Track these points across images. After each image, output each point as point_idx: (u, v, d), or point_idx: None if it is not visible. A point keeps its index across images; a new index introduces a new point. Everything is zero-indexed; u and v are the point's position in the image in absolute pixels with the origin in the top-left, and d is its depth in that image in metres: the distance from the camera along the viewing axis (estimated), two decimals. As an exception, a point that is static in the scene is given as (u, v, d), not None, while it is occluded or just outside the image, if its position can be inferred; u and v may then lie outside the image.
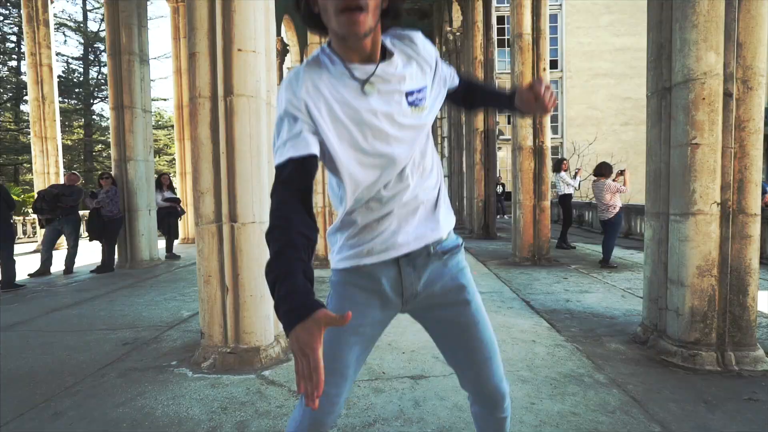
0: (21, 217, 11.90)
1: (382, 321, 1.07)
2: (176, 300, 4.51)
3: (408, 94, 0.93)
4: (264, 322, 2.77)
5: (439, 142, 18.37)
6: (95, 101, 24.98)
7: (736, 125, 2.56)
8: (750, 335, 2.60)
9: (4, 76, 24.08)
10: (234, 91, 2.63)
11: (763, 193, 6.16)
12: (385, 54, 0.93)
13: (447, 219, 1.05)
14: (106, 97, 25.68)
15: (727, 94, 2.54)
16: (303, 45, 16.60)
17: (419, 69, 0.97)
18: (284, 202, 0.82)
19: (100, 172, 8.22)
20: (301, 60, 16.94)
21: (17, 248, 5.80)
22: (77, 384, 2.47)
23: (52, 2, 8.96)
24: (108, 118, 25.79)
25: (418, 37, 1.00)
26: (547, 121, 6.39)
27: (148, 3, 8.43)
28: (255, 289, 2.71)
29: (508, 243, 8.28)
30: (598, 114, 18.57)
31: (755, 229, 2.58)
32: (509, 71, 7.41)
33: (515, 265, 6.16)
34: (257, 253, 2.71)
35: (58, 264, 6.33)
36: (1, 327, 3.64)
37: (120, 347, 3.09)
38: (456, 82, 1.14)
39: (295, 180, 0.83)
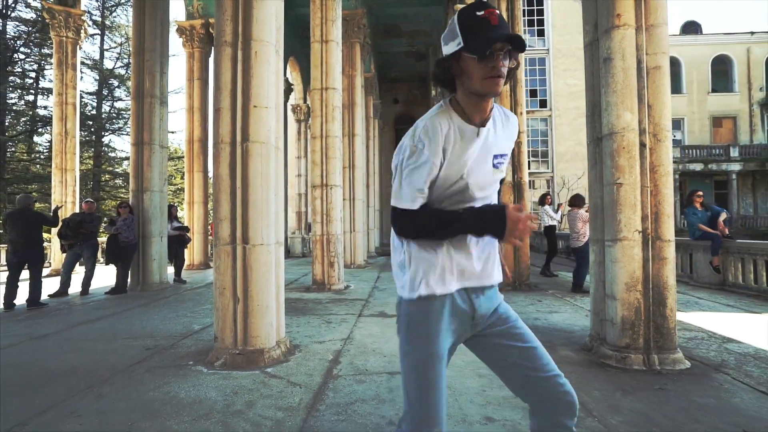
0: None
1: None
2: (187, 317, 5.02)
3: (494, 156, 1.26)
4: (268, 328, 3.30)
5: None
6: (106, 134, 26.05)
7: (651, 169, 3.19)
8: (670, 340, 3.14)
9: (20, 109, 25.24)
10: (249, 138, 3.29)
11: (713, 217, 6.76)
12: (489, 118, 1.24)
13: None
14: (117, 130, 26.80)
15: (642, 145, 3.19)
16: (306, 84, 17.72)
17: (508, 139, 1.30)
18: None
19: (119, 201, 8.86)
20: (305, 98, 18.02)
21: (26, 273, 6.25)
22: (113, 377, 2.99)
23: (80, 48, 9.89)
24: (115, 149, 26.72)
25: (515, 118, 1.35)
26: (524, 158, 7.09)
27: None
28: (261, 300, 3.27)
29: (494, 271, 8.79)
30: (585, 150, 19.48)
31: (670, 252, 3.17)
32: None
33: (497, 290, 6.67)
34: (264, 270, 3.28)
35: (73, 286, 6.85)
36: (36, 336, 4.16)
37: (143, 351, 3.60)
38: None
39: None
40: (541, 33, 19.57)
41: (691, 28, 28.71)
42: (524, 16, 19.75)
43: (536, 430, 1.27)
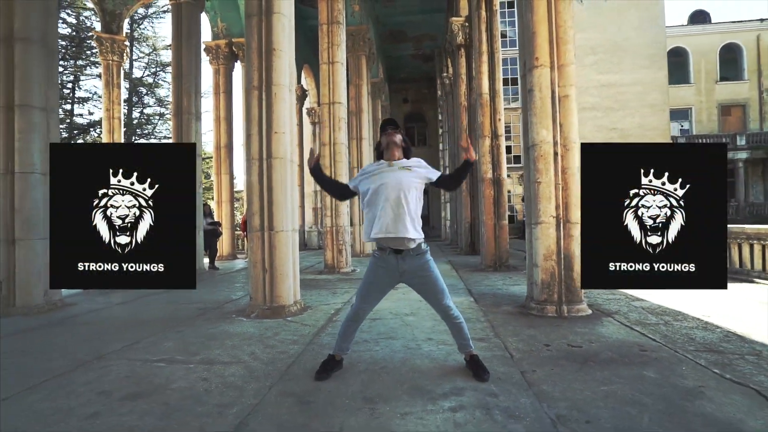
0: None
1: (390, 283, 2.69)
2: (225, 291, 6.41)
3: (405, 167, 2.57)
4: (288, 291, 4.62)
5: (441, 170, 20.31)
6: (137, 139, 28.04)
7: (562, 171, 4.35)
8: (577, 295, 4.31)
9: (59, 118, 27.41)
10: (272, 155, 4.59)
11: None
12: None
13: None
14: (146, 135, 28.76)
15: (555, 153, 4.35)
16: (319, 89, 19.05)
17: (414, 167, 2.60)
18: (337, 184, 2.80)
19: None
20: (318, 102, 19.34)
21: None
22: (184, 322, 4.35)
23: (123, 69, 11.43)
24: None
25: (418, 161, 2.65)
26: (503, 158, 8.22)
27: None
28: (283, 270, 4.57)
29: (485, 256, 9.95)
30: (587, 143, 20.32)
31: (576, 231, 4.32)
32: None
33: (480, 271, 7.87)
34: (284, 249, 4.59)
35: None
36: (114, 304, 5.60)
37: (198, 311, 4.97)
38: (434, 177, 2.61)
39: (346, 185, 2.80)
40: (543, 31, 20.41)
41: (699, 17, 28.80)
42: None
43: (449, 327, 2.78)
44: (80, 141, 28.44)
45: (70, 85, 27.67)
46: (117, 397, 2.48)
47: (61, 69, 26.90)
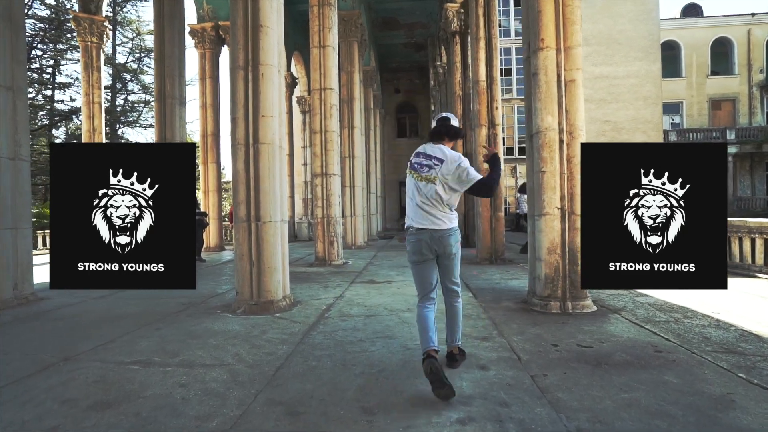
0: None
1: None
2: (211, 284, 6.10)
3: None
4: (276, 285, 4.34)
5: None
6: (121, 126, 27.24)
7: (567, 160, 4.12)
8: (582, 291, 4.10)
9: (39, 104, 26.44)
10: (259, 140, 4.27)
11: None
12: None
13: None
14: (131, 122, 27.97)
15: (561, 141, 4.12)
16: (309, 77, 18.55)
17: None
18: None
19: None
20: (309, 90, 18.88)
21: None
22: (164, 318, 4.05)
23: (103, 51, 10.89)
24: (129, 141, 27.73)
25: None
26: (500, 148, 7.98)
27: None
28: (271, 264, 4.29)
29: (479, 249, 9.76)
30: (580, 136, 20.26)
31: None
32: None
33: (475, 264, 7.67)
34: (272, 241, 4.30)
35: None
36: (95, 297, 5.26)
37: (181, 305, 4.67)
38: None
39: None
40: (537, 21, 20.19)
41: (692, 10, 28.77)
42: (517, 5, 20.23)
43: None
44: (62, 128, 27.58)
45: (50, 70, 26.71)
46: (82, 407, 2.19)
47: (40, 53, 25.91)
